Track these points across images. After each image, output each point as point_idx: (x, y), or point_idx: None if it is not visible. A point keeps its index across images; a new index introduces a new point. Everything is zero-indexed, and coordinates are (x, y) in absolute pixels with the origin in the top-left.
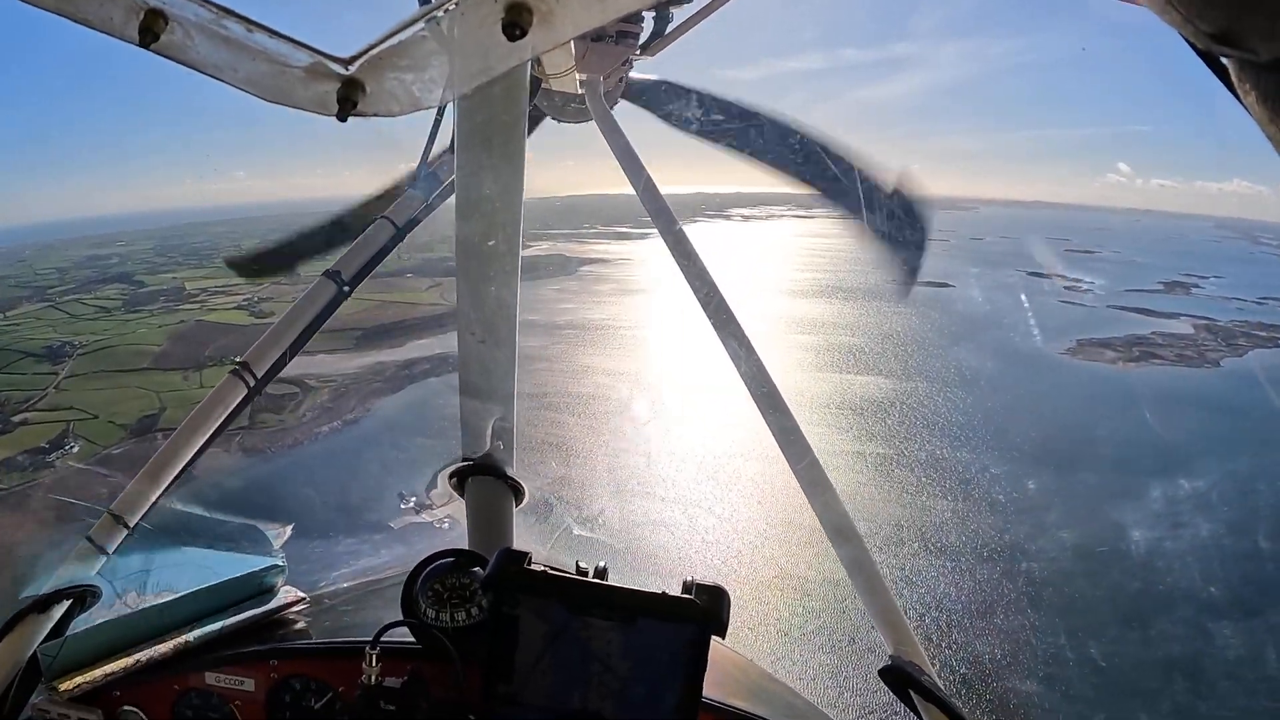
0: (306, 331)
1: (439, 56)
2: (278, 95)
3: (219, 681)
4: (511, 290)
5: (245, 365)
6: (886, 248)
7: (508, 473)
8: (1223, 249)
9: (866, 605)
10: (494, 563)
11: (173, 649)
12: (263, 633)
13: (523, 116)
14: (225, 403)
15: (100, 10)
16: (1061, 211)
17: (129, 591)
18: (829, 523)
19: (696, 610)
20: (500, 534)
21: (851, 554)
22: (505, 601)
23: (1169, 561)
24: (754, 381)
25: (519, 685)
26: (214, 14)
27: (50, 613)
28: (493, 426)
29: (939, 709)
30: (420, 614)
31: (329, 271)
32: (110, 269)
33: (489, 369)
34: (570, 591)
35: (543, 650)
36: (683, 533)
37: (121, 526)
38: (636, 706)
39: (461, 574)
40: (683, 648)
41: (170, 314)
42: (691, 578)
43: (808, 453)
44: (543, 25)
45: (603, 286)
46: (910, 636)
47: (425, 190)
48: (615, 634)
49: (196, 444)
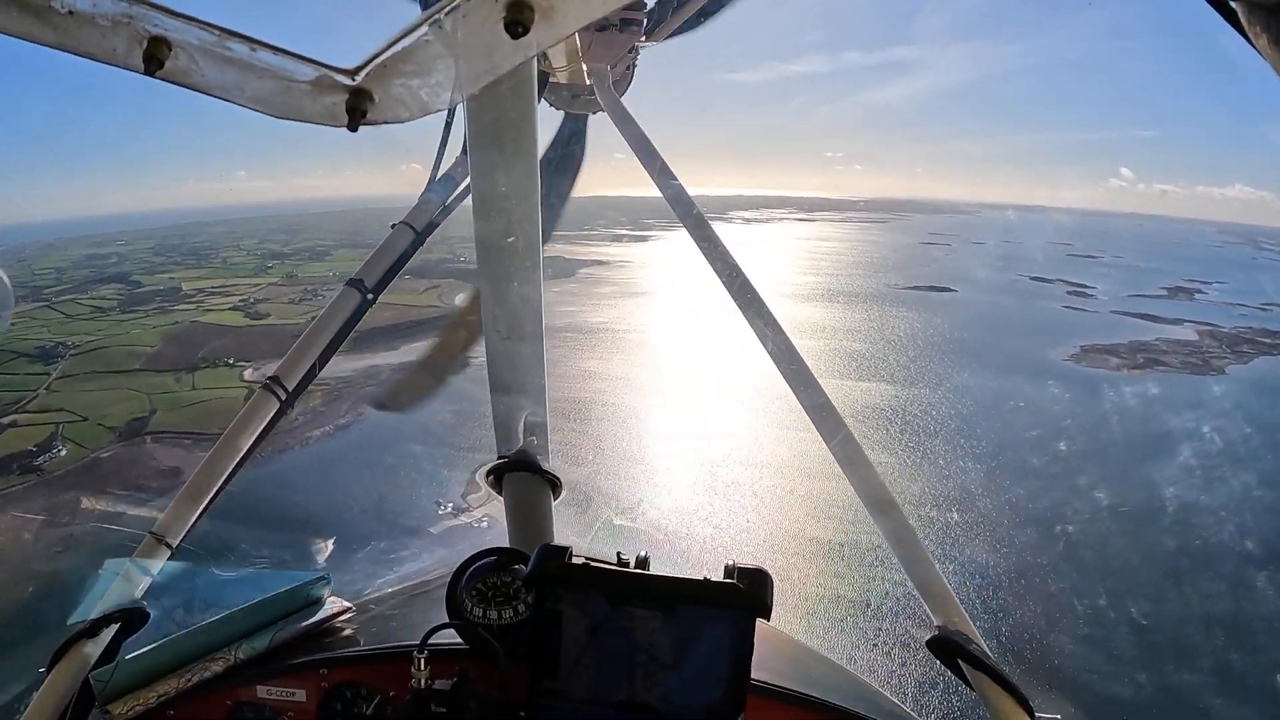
0: (334, 341)
1: (444, 60)
2: (287, 111)
3: (270, 694)
4: (535, 285)
5: (276, 379)
6: None
7: (544, 467)
8: (1225, 254)
9: (910, 576)
10: (534, 559)
11: (223, 665)
12: (311, 643)
13: (532, 113)
14: (259, 418)
15: (103, 43)
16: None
17: (176, 611)
18: (867, 496)
19: (740, 594)
20: (540, 529)
21: (892, 526)
22: (548, 597)
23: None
24: (783, 359)
25: (566, 680)
26: (217, 36)
27: (100, 638)
28: (525, 422)
29: (989, 677)
30: (465, 614)
31: (352, 280)
32: (108, 269)
33: (517, 365)
34: (612, 583)
35: (588, 643)
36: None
37: (164, 547)
38: (685, 694)
39: (504, 572)
40: (728, 632)
41: (166, 315)
42: (733, 561)
43: (841, 427)
44: (545, 21)
45: (603, 289)
46: (956, 606)
47: (441, 193)
48: (659, 623)
49: (233, 461)
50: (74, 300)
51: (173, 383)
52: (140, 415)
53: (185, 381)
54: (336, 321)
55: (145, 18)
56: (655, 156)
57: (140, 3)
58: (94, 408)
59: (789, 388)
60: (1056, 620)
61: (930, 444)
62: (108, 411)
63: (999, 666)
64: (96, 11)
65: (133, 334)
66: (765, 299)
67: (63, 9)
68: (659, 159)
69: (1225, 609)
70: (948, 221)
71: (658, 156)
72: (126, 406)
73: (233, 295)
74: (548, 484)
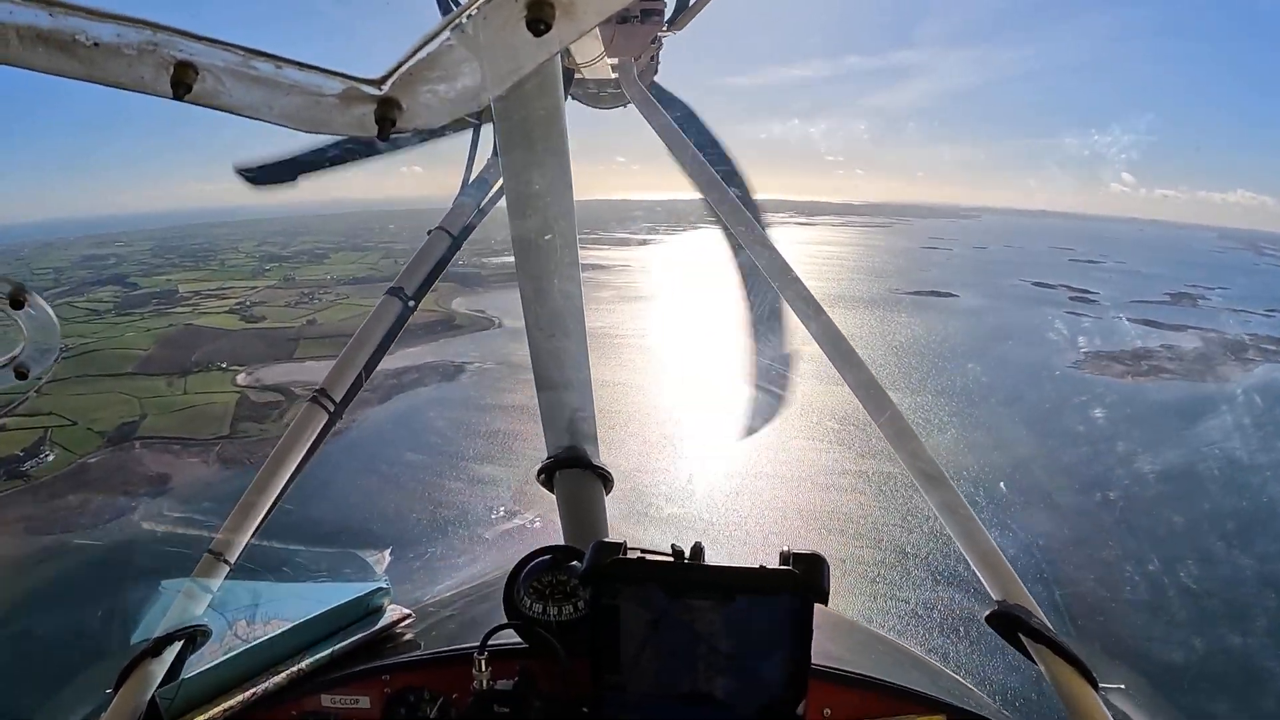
0: (378, 350)
1: (469, 63)
2: (316, 125)
3: (335, 703)
4: (575, 282)
5: (324, 391)
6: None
7: (594, 462)
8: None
9: (965, 551)
10: (589, 555)
11: (287, 678)
12: (373, 651)
13: (560, 109)
14: (309, 431)
15: (130, 72)
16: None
17: (238, 626)
18: (918, 470)
19: (796, 580)
20: (593, 524)
21: (944, 499)
22: (604, 592)
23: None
24: (826, 339)
25: (627, 673)
26: (241, 56)
27: (164, 656)
28: (572, 419)
29: (1051, 650)
30: (524, 613)
31: (392, 288)
32: (106, 270)
33: (562, 362)
34: (667, 575)
35: (647, 636)
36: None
37: (223, 564)
38: (746, 682)
39: (560, 570)
40: (786, 619)
41: (161, 317)
42: (788, 548)
43: (888, 405)
44: (566, 16)
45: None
46: (1014, 579)
47: (475, 197)
48: (717, 613)
49: (285, 476)
50: (69, 302)
51: (165, 387)
52: (130, 420)
53: (177, 386)
54: (380, 330)
55: (170, 44)
56: (686, 146)
57: (164, 29)
58: (84, 412)
59: (835, 369)
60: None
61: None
62: (98, 416)
63: (1061, 639)
64: (122, 41)
65: (127, 337)
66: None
67: (88, 42)
68: (690, 148)
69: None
70: (949, 226)
71: (688, 146)
72: (117, 411)
73: (229, 298)
74: (599, 479)
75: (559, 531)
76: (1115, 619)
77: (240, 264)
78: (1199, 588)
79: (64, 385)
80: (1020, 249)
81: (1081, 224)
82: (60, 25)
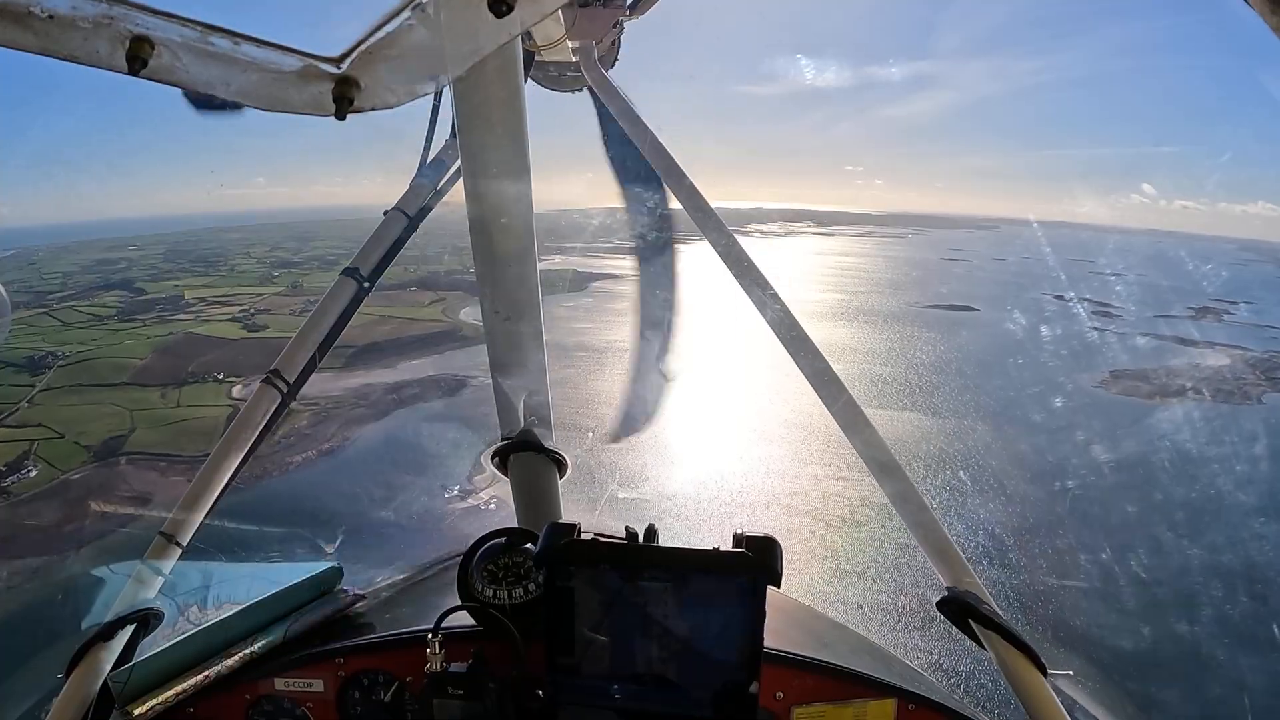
0: (333, 331)
1: (429, 43)
2: (273, 103)
3: (288, 686)
4: (530, 265)
5: (276, 372)
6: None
7: (548, 446)
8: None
9: (917, 539)
10: (543, 537)
11: (240, 660)
12: (326, 633)
13: (520, 92)
14: (262, 412)
15: (85, 45)
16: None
17: (190, 609)
18: (871, 459)
19: (749, 562)
20: (548, 508)
21: (897, 488)
22: (558, 574)
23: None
24: (782, 327)
25: (581, 655)
26: (199, 32)
27: (116, 639)
28: (527, 402)
29: (1000, 635)
30: (478, 596)
31: (347, 269)
32: (115, 275)
33: (517, 345)
34: (621, 557)
35: (601, 618)
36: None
37: (174, 546)
38: (699, 663)
39: (514, 552)
40: (739, 601)
41: (164, 324)
42: (741, 530)
43: (842, 392)
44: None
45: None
46: (965, 566)
47: (432, 178)
48: (671, 594)
49: (238, 458)
50: (73, 307)
51: (158, 398)
52: (119, 433)
53: (170, 398)
54: (334, 311)
55: (126, 17)
56: (645, 131)
57: (121, 3)
58: (73, 424)
59: (789, 355)
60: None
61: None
62: (86, 429)
63: (1010, 625)
64: (77, 14)
65: (125, 345)
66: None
67: (42, 14)
68: (649, 133)
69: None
70: (967, 237)
71: (648, 131)
72: (106, 424)
73: (234, 305)
74: (553, 463)
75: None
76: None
77: (250, 270)
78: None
79: (56, 395)
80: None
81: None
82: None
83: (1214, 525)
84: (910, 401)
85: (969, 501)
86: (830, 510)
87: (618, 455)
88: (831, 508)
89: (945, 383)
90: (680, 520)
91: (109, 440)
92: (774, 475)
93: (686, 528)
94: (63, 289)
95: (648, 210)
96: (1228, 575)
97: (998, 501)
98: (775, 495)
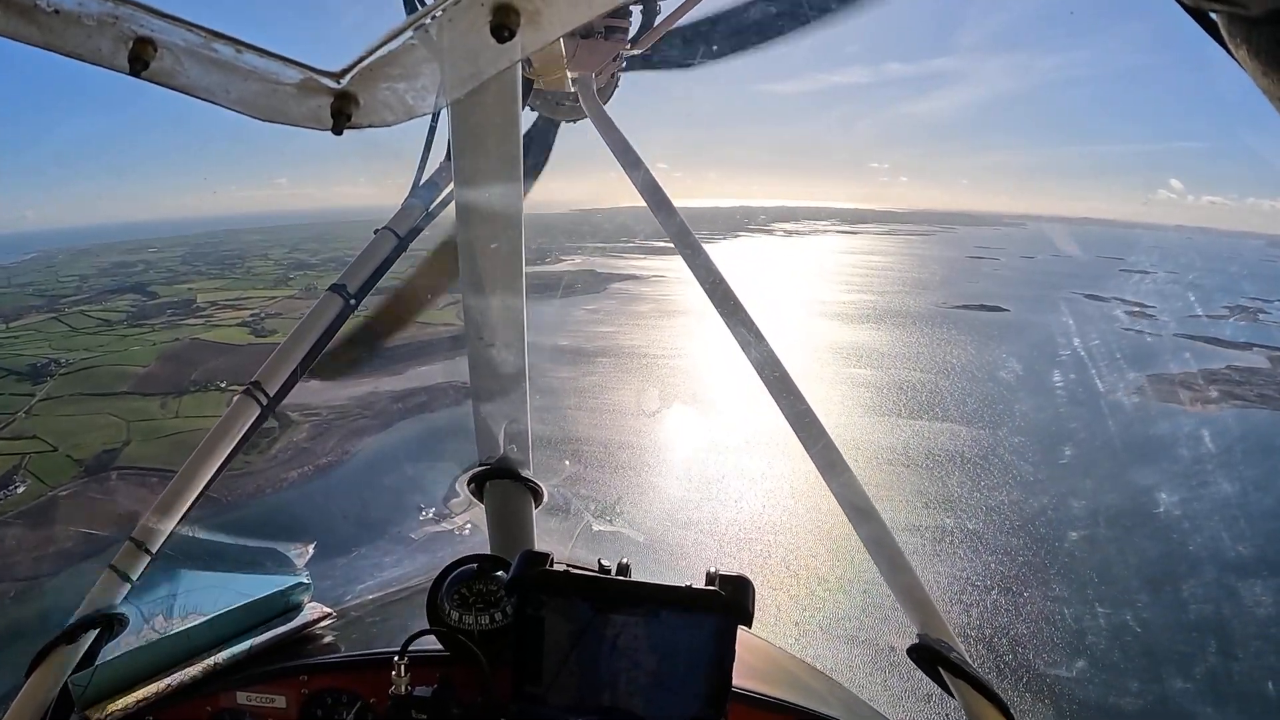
0: (316, 347)
1: (429, 63)
2: (271, 114)
3: (251, 700)
4: (517, 293)
5: (257, 384)
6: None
7: (525, 475)
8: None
9: (890, 585)
10: (516, 565)
11: (203, 671)
12: (292, 649)
13: (517, 119)
14: (239, 423)
15: (88, 42)
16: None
17: (156, 617)
18: (848, 503)
19: (721, 601)
20: (521, 536)
21: (872, 533)
22: (529, 603)
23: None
24: (765, 367)
25: (548, 685)
26: (203, 37)
27: (79, 643)
28: (506, 430)
29: (969, 685)
30: (446, 620)
31: (335, 285)
32: (130, 278)
33: (499, 372)
34: (593, 589)
35: (569, 649)
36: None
37: (144, 553)
38: (666, 700)
39: (485, 579)
40: (709, 639)
41: (173, 329)
42: (715, 569)
43: (822, 435)
44: (530, 25)
45: (639, 307)
46: (936, 614)
47: (425, 199)
48: (641, 629)
49: (213, 467)
50: (83, 311)
51: (157, 408)
52: (113, 446)
53: (170, 408)
54: (318, 327)
55: (131, 18)
56: (639, 165)
57: (127, 3)
58: (69, 435)
59: (770, 396)
60: None
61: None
62: (81, 440)
63: (979, 674)
64: (82, 11)
65: (130, 351)
66: (748, 308)
67: (48, 8)
68: (642, 167)
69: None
70: (994, 234)
71: (641, 165)
72: (102, 435)
73: (245, 309)
74: (529, 491)
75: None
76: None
77: (266, 272)
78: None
79: (55, 405)
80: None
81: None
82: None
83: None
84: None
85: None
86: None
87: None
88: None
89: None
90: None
91: (101, 454)
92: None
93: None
94: (77, 292)
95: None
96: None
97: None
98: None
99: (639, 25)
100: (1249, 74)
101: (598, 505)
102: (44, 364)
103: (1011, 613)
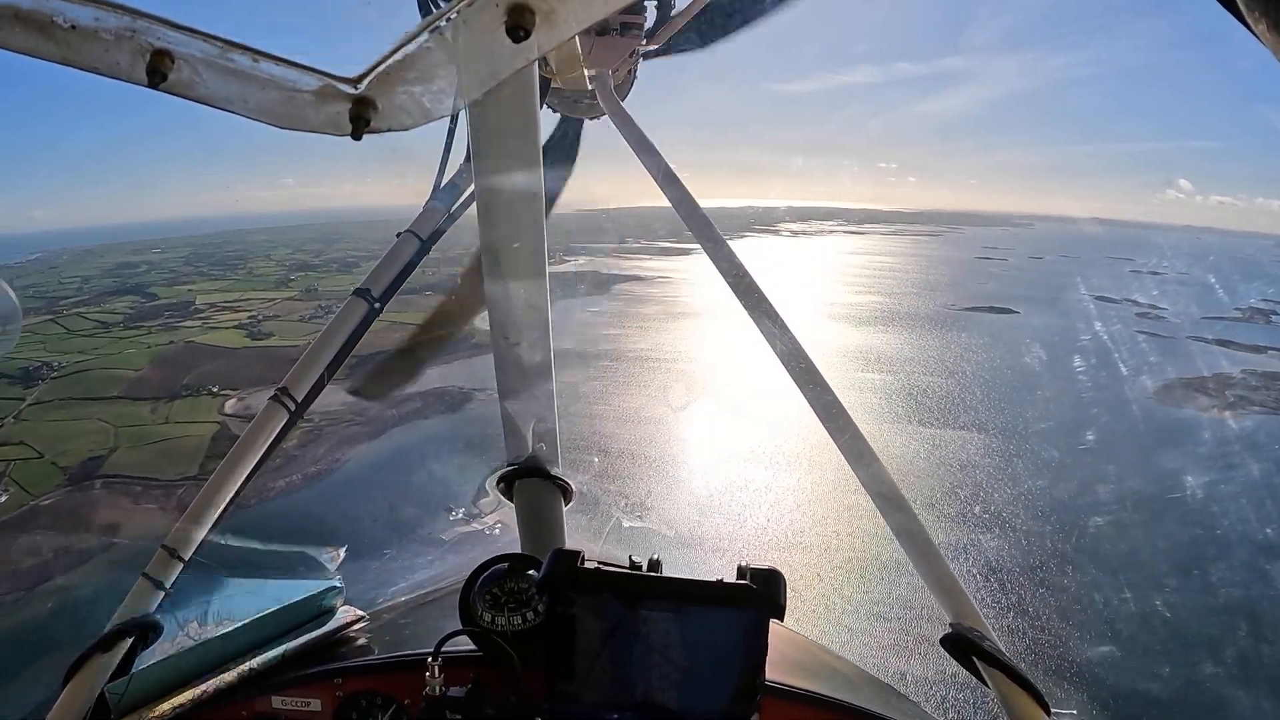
0: (342, 351)
1: (446, 66)
2: (290, 121)
3: (286, 705)
4: (541, 291)
5: (285, 390)
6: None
7: (554, 473)
8: None
9: (921, 574)
10: (547, 564)
11: (237, 677)
12: (325, 653)
13: (535, 118)
14: (268, 430)
15: (106, 57)
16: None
17: (190, 624)
18: (877, 493)
19: (753, 595)
20: (552, 534)
21: (902, 522)
22: (561, 601)
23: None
24: (791, 359)
25: (581, 683)
26: (219, 48)
27: (114, 651)
28: (534, 428)
29: (1003, 673)
30: (479, 621)
31: (359, 289)
32: (132, 279)
33: (525, 371)
34: (624, 586)
35: (602, 647)
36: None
37: (176, 561)
38: (699, 695)
39: (517, 578)
40: (742, 633)
41: (169, 331)
42: (746, 563)
43: (850, 425)
44: (545, 24)
45: (645, 309)
46: (969, 602)
47: (446, 201)
48: (673, 625)
49: (243, 474)
50: (80, 314)
51: (147, 413)
52: (99, 453)
53: (160, 413)
54: (344, 332)
55: (148, 31)
56: (658, 160)
57: (143, 16)
58: (55, 441)
59: (797, 387)
60: None
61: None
62: (67, 447)
63: (1014, 662)
64: (99, 26)
65: (124, 354)
66: (772, 301)
67: (65, 24)
68: (662, 162)
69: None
70: (1002, 235)
71: (661, 160)
72: (88, 442)
73: (244, 311)
74: (558, 489)
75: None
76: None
77: (267, 273)
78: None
79: (45, 410)
80: (1077, 259)
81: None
82: (40, 6)
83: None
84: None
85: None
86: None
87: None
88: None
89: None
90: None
91: (87, 462)
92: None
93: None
94: (78, 294)
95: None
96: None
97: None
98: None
99: (654, 19)
100: (1269, 48)
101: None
102: (36, 368)
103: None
